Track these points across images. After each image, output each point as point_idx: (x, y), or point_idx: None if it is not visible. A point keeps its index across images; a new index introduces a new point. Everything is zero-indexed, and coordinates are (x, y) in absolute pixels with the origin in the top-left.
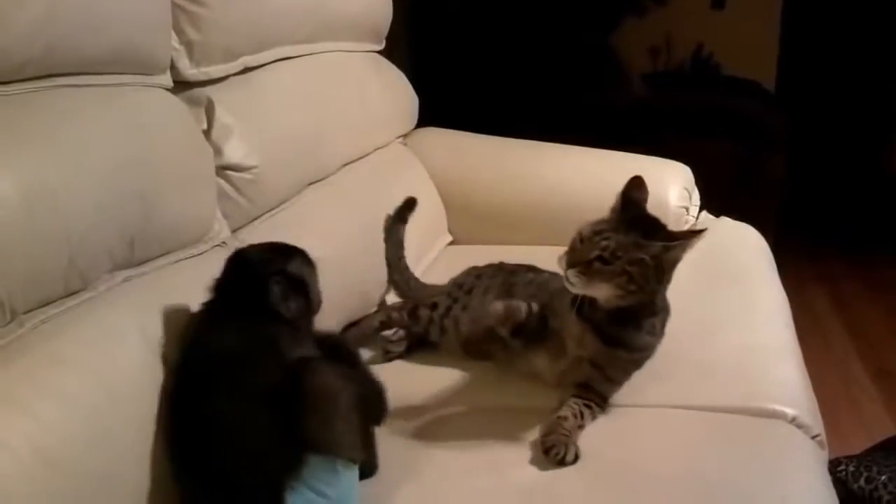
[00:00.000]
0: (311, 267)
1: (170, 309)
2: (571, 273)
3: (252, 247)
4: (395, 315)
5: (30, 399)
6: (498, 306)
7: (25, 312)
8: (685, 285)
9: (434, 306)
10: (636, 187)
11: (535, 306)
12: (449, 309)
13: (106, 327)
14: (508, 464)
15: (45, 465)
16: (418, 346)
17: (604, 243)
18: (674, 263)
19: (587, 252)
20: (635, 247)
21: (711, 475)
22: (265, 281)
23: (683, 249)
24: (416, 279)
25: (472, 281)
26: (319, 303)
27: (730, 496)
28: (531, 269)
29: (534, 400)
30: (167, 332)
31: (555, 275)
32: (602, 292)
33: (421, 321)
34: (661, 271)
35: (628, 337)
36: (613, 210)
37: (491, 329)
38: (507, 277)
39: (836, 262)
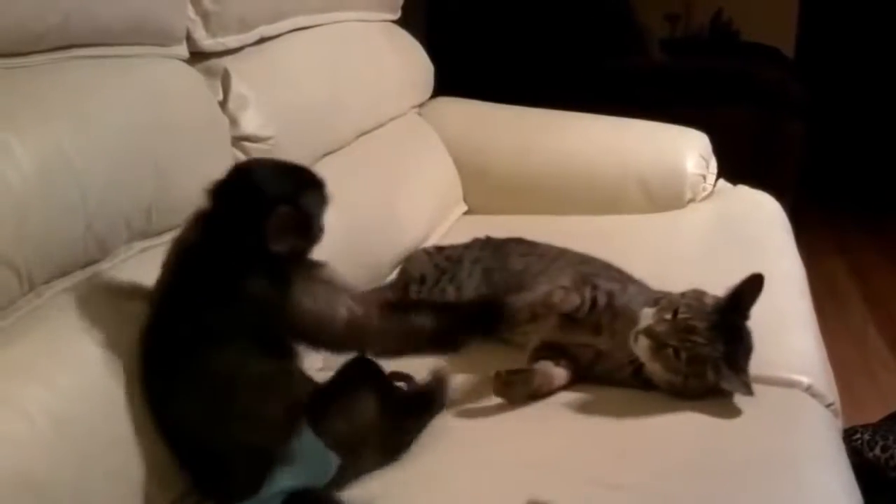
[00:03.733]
0: (323, 201)
1: None
2: (644, 341)
3: (261, 162)
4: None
5: (47, 368)
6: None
7: (44, 283)
8: (702, 253)
9: (423, 280)
10: (752, 287)
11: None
12: (437, 281)
13: (123, 298)
14: (517, 434)
15: (62, 432)
16: None
17: (689, 345)
18: None
19: (670, 335)
20: (713, 367)
21: (725, 442)
22: (269, 207)
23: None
24: None
25: (460, 252)
26: (319, 238)
27: (743, 463)
28: (520, 241)
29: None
30: None
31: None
32: (658, 374)
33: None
34: None
35: None
36: (717, 306)
37: None
38: (496, 250)
39: (856, 233)
